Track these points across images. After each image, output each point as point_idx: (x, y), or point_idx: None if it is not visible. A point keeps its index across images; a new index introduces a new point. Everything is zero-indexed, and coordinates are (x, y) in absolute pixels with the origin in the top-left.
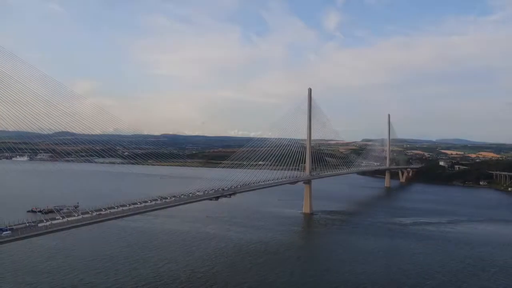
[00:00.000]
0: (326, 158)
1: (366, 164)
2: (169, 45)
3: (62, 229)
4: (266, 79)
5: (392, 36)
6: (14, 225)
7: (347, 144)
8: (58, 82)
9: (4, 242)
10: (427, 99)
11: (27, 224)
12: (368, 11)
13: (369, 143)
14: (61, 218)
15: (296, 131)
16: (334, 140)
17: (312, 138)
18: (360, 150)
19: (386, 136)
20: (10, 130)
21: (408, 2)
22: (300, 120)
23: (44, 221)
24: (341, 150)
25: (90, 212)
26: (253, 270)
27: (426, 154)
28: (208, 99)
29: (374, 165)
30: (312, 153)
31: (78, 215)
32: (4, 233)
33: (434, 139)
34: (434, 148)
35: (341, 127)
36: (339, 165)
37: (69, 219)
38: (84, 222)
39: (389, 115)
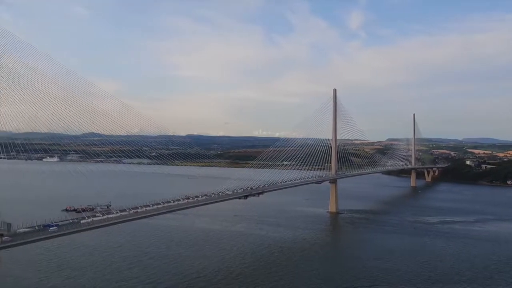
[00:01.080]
0: (351, 158)
1: (392, 164)
2: (192, 46)
3: (102, 226)
4: (289, 79)
5: (416, 34)
6: (59, 221)
7: (372, 143)
8: (89, 82)
9: (51, 237)
10: (453, 98)
11: (71, 221)
12: (392, 10)
13: (394, 142)
14: (101, 215)
15: (321, 131)
16: (359, 140)
17: (337, 138)
18: (385, 150)
19: (411, 136)
20: (40, 131)
21: (432, 0)
22: (325, 120)
23: (86, 218)
24: (366, 150)
25: (127, 210)
26: (284, 266)
27: (452, 153)
28: (231, 100)
29: (400, 164)
30: (337, 153)
31: (117, 212)
32: (51, 228)
33: (460, 138)
34: (460, 147)
35: (366, 127)
36: (364, 164)
37: (109, 216)
38: (122, 219)
39: (414, 115)
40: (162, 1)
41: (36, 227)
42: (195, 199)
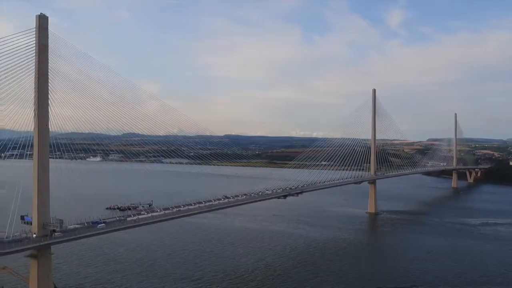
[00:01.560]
0: (391, 158)
1: (432, 164)
2: (230, 46)
3: (147, 223)
4: (326, 78)
5: (458, 32)
6: (107, 219)
7: (412, 143)
8: (132, 84)
9: (100, 233)
10: (497, 97)
11: (117, 218)
12: (433, 7)
13: (435, 142)
14: (145, 213)
15: (359, 131)
16: (399, 140)
17: (376, 138)
18: (425, 150)
19: (453, 135)
20: (83, 131)
21: None
22: (364, 120)
23: (132, 215)
24: (405, 150)
25: (170, 209)
26: (324, 265)
27: (496, 154)
28: (269, 99)
29: (440, 165)
30: (377, 153)
31: (160, 210)
32: (99, 225)
33: (505, 138)
34: (504, 147)
35: (406, 127)
36: (403, 165)
37: (153, 214)
38: (166, 218)
39: (455, 114)
40: (201, 3)
41: (85, 224)
42: (235, 198)
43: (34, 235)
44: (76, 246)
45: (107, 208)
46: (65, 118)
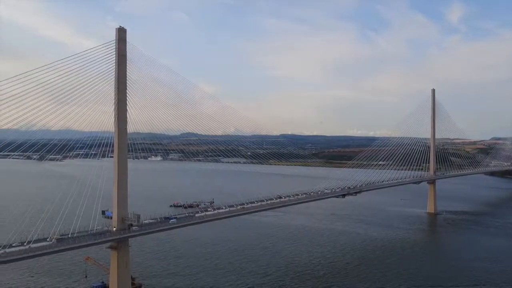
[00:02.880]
0: (451, 158)
1: (495, 164)
2: (286, 46)
3: (214, 219)
4: (383, 77)
5: None
6: (177, 215)
7: (474, 143)
8: (192, 85)
9: (173, 228)
10: None
11: (187, 214)
12: (495, 1)
13: (499, 141)
14: (212, 210)
15: (418, 131)
16: (460, 139)
17: (436, 137)
18: (488, 149)
19: None
20: (143, 131)
21: None
22: (423, 119)
23: (199, 212)
24: (467, 150)
25: (235, 206)
26: (387, 264)
27: None
28: (325, 99)
29: (504, 165)
30: (436, 152)
31: (226, 207)
32: (171, 220)
33: None
34: None
35: (467, 125)
36: (464, 165)
37: (219, 211)
38: (231, 214)
39: None
40: (257, 3)
41: (158, 219)
42: (296, 197)
43: (114, 229)
44: (148, 241)
45: (170, 206)
46: (130, 120)
